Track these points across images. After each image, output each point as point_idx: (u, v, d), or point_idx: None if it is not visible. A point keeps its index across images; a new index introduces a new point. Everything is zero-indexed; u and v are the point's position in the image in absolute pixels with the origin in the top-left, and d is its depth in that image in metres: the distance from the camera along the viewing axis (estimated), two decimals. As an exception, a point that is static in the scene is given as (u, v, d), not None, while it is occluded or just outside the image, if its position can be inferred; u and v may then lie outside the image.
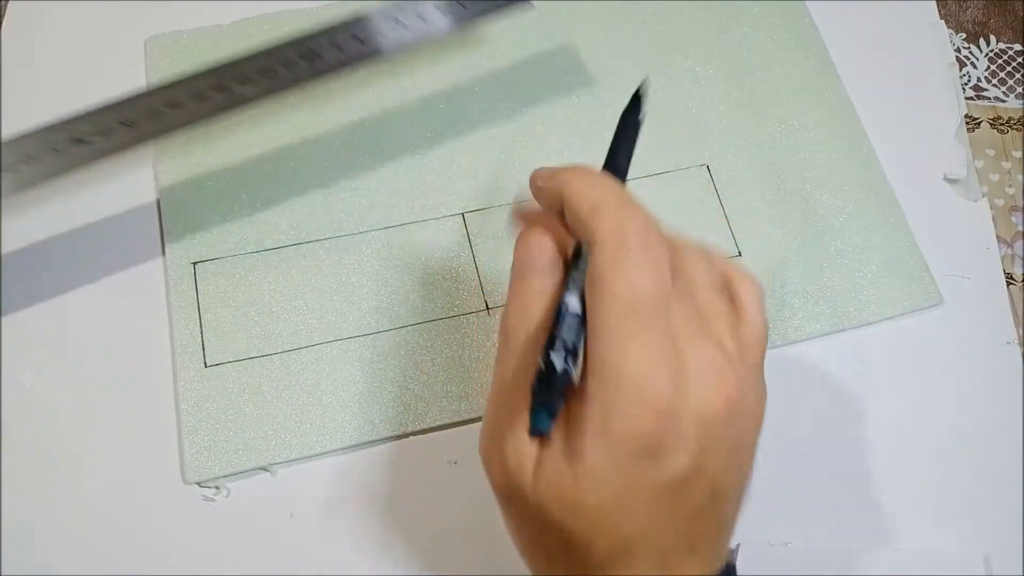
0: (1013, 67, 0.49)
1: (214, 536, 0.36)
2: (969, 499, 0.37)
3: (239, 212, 0.42)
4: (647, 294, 0.24)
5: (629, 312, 0.23)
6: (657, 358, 0.23)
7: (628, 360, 0.23)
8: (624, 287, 0.24)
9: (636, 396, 0.23)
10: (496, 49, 0.47)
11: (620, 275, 0.24)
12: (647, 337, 0.24)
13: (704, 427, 0.24)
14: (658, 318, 0.24)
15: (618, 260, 0.24)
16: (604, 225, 0.25)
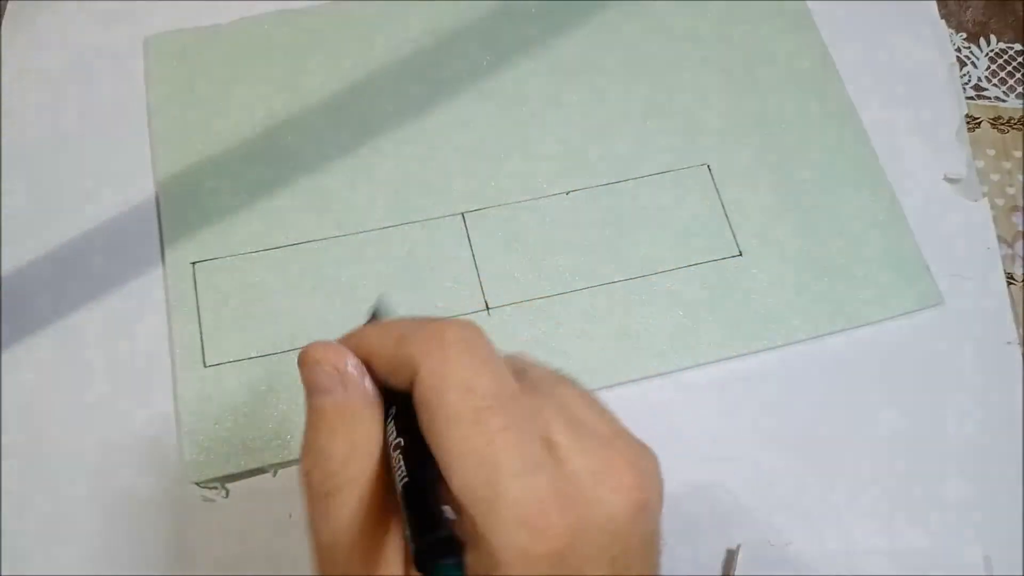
0: (1013, 67, 0.49)
1: (214, 536, 0.36)
2: (969, 499, 0.37)
3: (238, 212, 0.42)
4: (494, 382, 0.21)
5: (474, 419, 0.20)
6: (533, 468, 0.20)
7: (500, 478, 0.19)
8: (469, 384, 0.20)
9: (518, 522, 0.19)
10: (495, 52, 0.47)
11: (452, 380, 0.20)
12: (508, 445, 0.20)
13: (612, 535, 0.21)
14: (518, 418, 0.20)
15: (444, 367, 0.21)
16: (419, 350, 0.21)
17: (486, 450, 0.20)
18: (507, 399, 0.21)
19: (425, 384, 0.21)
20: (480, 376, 0.21)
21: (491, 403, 0.20)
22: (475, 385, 0.21)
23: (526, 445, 0.20)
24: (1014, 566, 0.36)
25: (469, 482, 0.20)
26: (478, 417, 0.20)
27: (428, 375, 0.21)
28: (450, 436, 0.20)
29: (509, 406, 0.21)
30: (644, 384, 0.39)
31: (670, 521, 0.36)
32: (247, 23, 0.47)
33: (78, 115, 0.45)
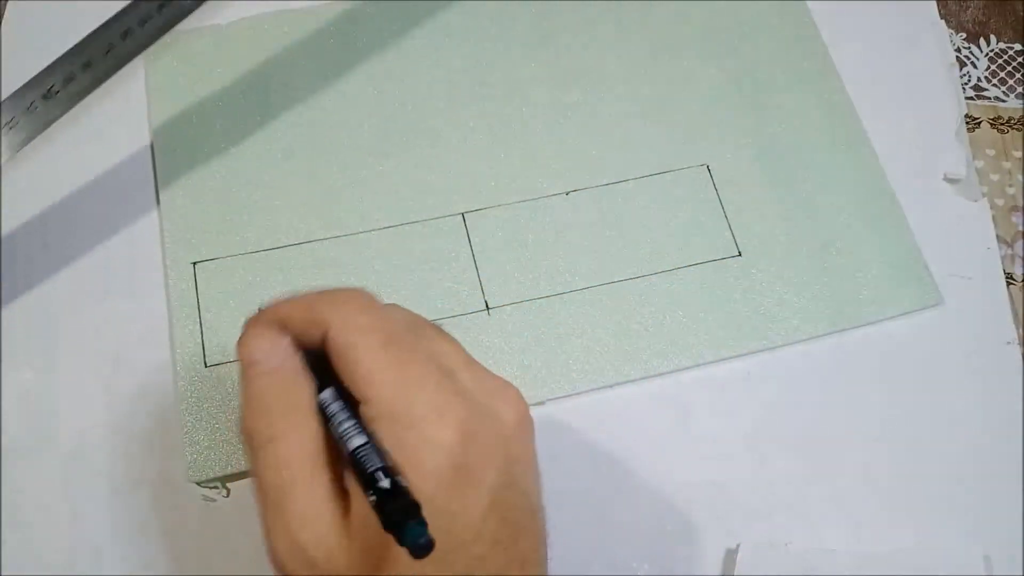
0: (1013, 67, 0.49)
1: (214, 536, 0.36)
2: (969, 499, 0.37)
3: (239, 212, 0.42)
4: (393, 325, 0.25)
5: (381, 347, 0.24)
6: (426, 380, 0.24)
7: (397, 391, 0.24)
8: (368, 325, 0.25)
9: (417, 420, 0.23)
10: (495, 52, 0.47)
11: (360, 334, 0.25)
12: (405, 365, 0.24)
13: (503, 440, 0.24)
14: (409, 351, 0.25)
15: (348, 318, 0.25)
16: (327, 309, 0.25)
17: (396, 373, 0.24)
18: (403, 334, 0.25)
19: (337, 333, 0.25)
20: (379, 320, 0.25)
21: (391, 338, 0.25)
22: (376, 327, 0.25)
23: (427, 367, 0.25)
24: (1014, 566, 0.36)
25: (384, 397, 0.24)
26: (380, 347, 0.24)
27: (338, 326, 0.25)
28: (364, 365, 0.24)
29: (406, 339, 0.25)
30: (644, 384, 0.39)
31: (670, 521, 0.37)
32: (247, 23, 0.47)
33: (78, 115, 0.45)
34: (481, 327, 0.40)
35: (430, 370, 0.25)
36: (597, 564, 0.36)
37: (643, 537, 0.36)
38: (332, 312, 0.25)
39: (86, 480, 0.37)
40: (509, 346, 0.39)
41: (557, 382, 0.39)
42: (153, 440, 0.37)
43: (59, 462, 0.37)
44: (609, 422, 0.39)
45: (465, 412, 0.24)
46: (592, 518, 0.37)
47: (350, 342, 0.25)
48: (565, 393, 0.39)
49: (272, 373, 0.25)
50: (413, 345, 0.25)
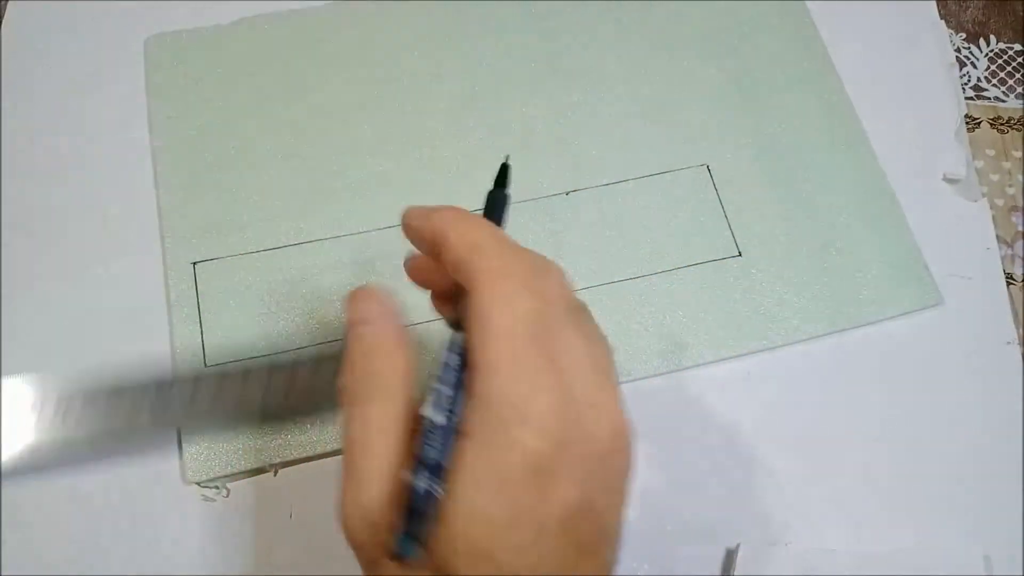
0: (1013, 67, 0.49)
1: (214, 536, 0.36)
2: (969, 499, 0.37)
3: (239, 212, 0.42)
4: (529, 319, 0.23)
5: (511, 337, 0.23)
6: (541, 382, 0.23)
7: (509, 383, 0.23)
8: (506, 315, 0.23)
9: (517, 420, 0.22)
10: (495, 52, 0.47)
11: (503, 306, 0.23)
12: (530, 360, 0.23)
13: (592, 459, 0.23)
14: (542, 342, 0.23)
15: (500, 292, 0.24)
16: (485, 264, 0.24)
17: (514, 362, 0.23)
18: (543, 327, 0.24)
19: (483, 297, 0.24)
20: (527, 306, 0.24)
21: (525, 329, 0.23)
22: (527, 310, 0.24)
23: (552, 356, 0.23)
24: (1014, 566, 0.36)
25: (489, 386, 0.23)
26: (520, 336, 0.23)
27: (487, 290, 0.24)
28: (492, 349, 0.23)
29: (540, 334, 0.23)
30: (644, 384, 0.39)
31: (670, 521, 0.37)
32: (247, 23, 0.47)
33: (78, 115, 0.45)
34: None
35: (556, 363, 0.23)
36: (597, 564, 0.36)
37: (643, 537, 0.36)
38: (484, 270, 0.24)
39: (86, 480, 0.37)
40: (509, 346, 0.39)
41: (557, 382, 0.39)
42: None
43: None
44: (609, 422, 0.38)
45: (559, 417, 0.23)
46: (592, 518, 0.37)
47: (490, 316, 0.23)
48: (565, 393, 0.39)
49: (374, 336, 0.25)
50: (554, 337, 0.24)
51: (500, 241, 0.25)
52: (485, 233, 0.26)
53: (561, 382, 0.23)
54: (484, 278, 0.24)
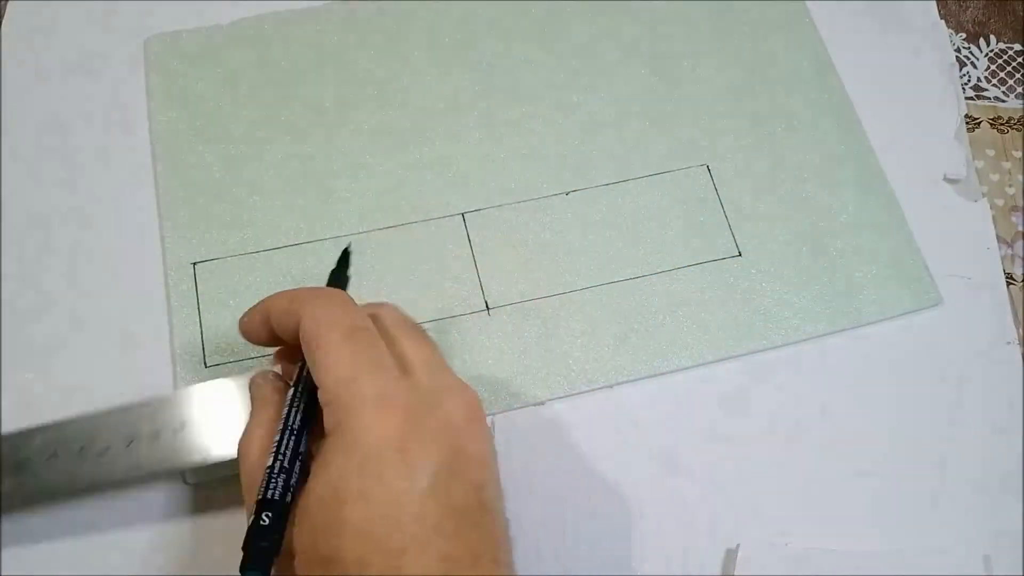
0: (1013, 67, 0.49)
1: (214, 536, 0.36)
2: (969, 499, 0.37)
3: (239, 212, 0.42)
4: (357, 321, 0.28)
5: (343, 339, 0.27)
6: (385, 369, 0.26)
7: (358, 378, 0.26)
8: (334, 320, 0.27)
9: (373, 406, 0.25)
10: (494, 52, 0.47)
11: (323, 316, 0.28)
12: (368, 355, 0.27)
13: (450, 432, 0.26)
14: (374, 340, 0.27)
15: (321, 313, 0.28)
16: (303, 303, 0.29)
17: (348, 362, 0.26)
18: (364, 329, 0.28)
19: (305, 322, 0.28)
20: (342, 314, 0.28)
21: (353, 332, 0.27)
22: (340, 321, 0.28)
23: (381, 359, 0.27)
24: (1014, 566, 0.36)
25: (334, 381, 0.26)
26: (342, 340, 0.27)
27: (308, 317, 0.28)
28: (322, 352, 0.27)
29: (367, 334, 0.28)
30: (644, 384, 0.39)
31: (670, 521, 0.37)
32: (247, 23, 0.47)
33: (78, 116, 0.45)
34: (481, 327, 0.40)
35: (384, 362, 0.27)
36: (597, 564, 0.36)
37: (643, 537, 0.36)
38: (305, 305, 0.28)
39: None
40: (509, 346, 0.39)
41: (557, 382, 0.39)
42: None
43: (59, 462, 0.37)
44: (609, 422, 0.39)
45: (410, 400, 0.26)
46: (592, 517, 0.37)
47: (314, 331, 0.27)
48: (565, 393, 0.39)
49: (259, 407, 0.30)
50: (371, 339, 0.28)
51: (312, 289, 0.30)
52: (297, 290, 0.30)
53: (396, 370, 0.27)
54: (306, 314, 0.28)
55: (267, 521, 0.26)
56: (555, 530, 0.36)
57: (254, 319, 0.31)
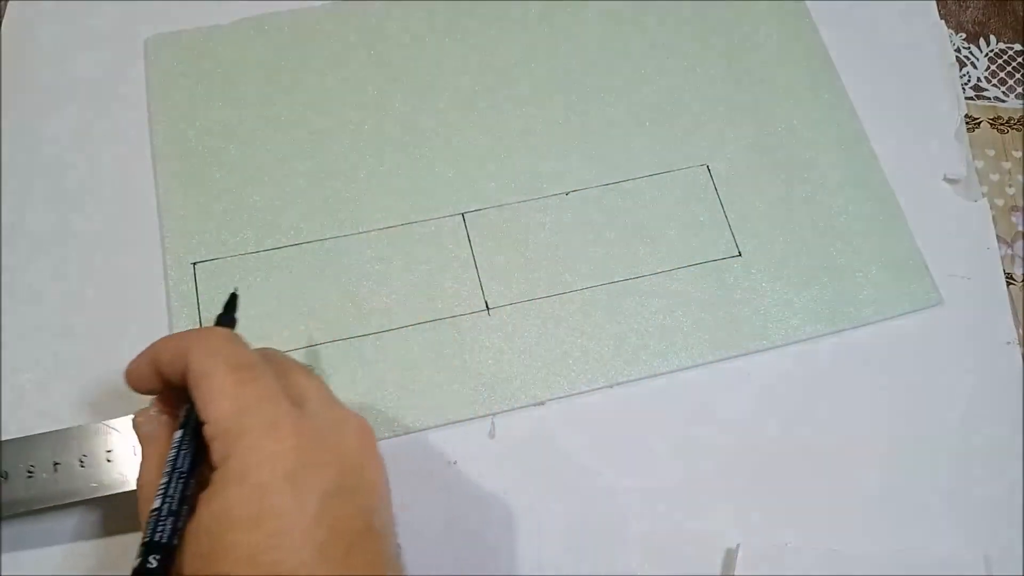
0: (1013, 67, 0.49)
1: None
2: (969, 499, 0.37)
3: (239, 212, 0.42)
4: (244, 357, 0.28)
5: (229, 372, 0.27)
6: (274, 399, 0.26)
7: (246, 409, 0.26)
8: (221, 355, 0.28)
9: (261, 435, 0.26)
10: (494, 52, 0.47)
11: (209, 352, 0.28)
12: (255, 387, 0.27)
13: (343, 460, 0.26)
14: (260, 372, 0.27)
15: (207, 347, 0.28)
16: (190, 340, 0.29)
17: (235, 393, 0.27)
18: (252, 364, 0.28)
19: (193, 360, 0.28)
20: (229, 351, 0.28)
21: (239, 365, 0.27)
22: (226, 354, 0.28)
23: (268, 389, 0.27)
24: (1014, 566, 0.36)
25: (222, 414, 0.26)
26: (228, 372, 0.27)
27: (195, 354, 0.28)
28: (209, 387, 0.27)
29: (254, 367, 0.28)
30: (644, 384, 0.39)
31: (670, 521, 0.37)
32: (247, 23, 0.47)
33: (78, 116, 0.45)
34: (481, 327, 0.40)
35: (271, 392, 0.27)
36: (597, 564, 0.36)
37: (643, 537, 0.36)
38: (190, 342, 0.28)
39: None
40: (509, 346, 0.39)
41: (557, 382, 0.39)
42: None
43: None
44: (609, 422, 0.39)
45: (297, 427, 0.26)
46: (592, 518, 0.37)
47: (201, 368, 0.27)
48: (565, 393, 0.39)
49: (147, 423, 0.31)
50: (259, 372, 0.28)
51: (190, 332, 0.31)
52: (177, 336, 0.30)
53: (285, 400, 0.27)
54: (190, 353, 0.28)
55: (154, 564, 0.26)
56: (555, 530, 0.36)
57: (140, 366, 0.30)
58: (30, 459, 0.33)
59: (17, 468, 0.33)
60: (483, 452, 0.37)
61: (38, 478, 0.33)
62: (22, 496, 0.33)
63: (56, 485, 0.33)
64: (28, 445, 0.34)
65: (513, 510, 0.32)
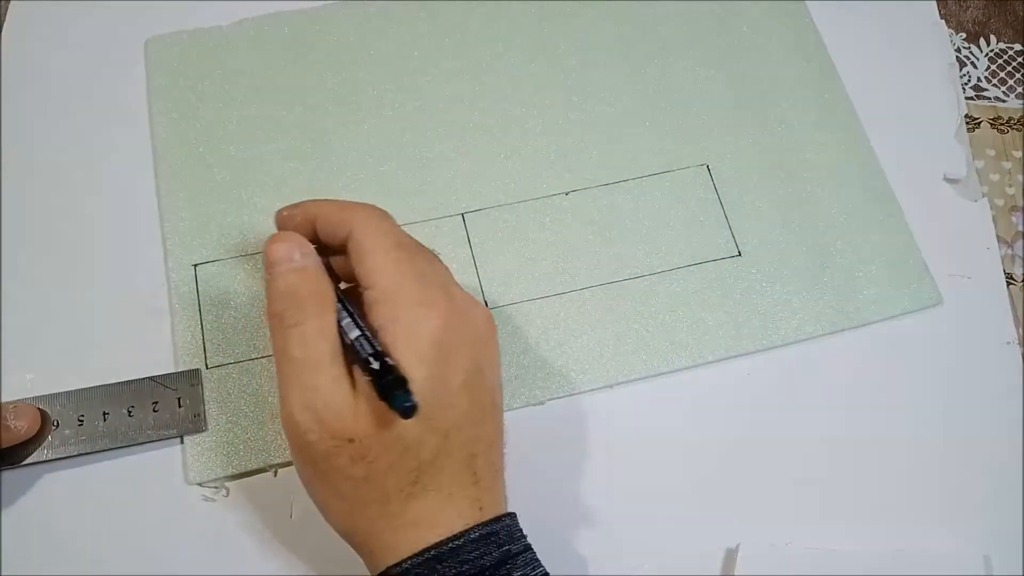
0: (1013, 67, 0.49)
1: (214, 536, 0.36)
2: (969, 499, 0.38)
3: (240, 214, 0.42)
4: (402, 238, 0.31)
5: (392, 249, 0.30)
6: (424, 279, 0.30)
7: (405, 283, 0.29)
8: (384, 232, 0.30)
9: (420, 306, 0.29)
10: (494, 52, 0.47)
11: (375, 229, 0.30)
12: (413, 266, 0.30)
13: (475, 340, 0.30)
14: (416, 254, 0.31)
15: (373, 225, 0.31)
16: (355, 213, 0.31)
17: (397, 268, 0.30)
18: (409, 245, 0.31)
19: (358, 232, 0.30)
20: (388, 227, 0.31)
21: (400, 244, 0.30)
22: (389, 234, 0.31)
23: (423, 271, 0.30)
24: (1014, 566, 0.36)
25: (388, 283, 0.29)
26: (391, 249, 0.30)
27: (360, 227, 0.30)
28: (375, 260, 0.30)
29: (411, 248, 0.31)
30: (644, 384, 0.39)
31: (670, 521, 0.37)
32: (248, 24, 0.47)
33: (79, 117, 0.45)
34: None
35: (425, 272, 0.30)
36: (597, 564, 0.36)
37: (643, 537, 0.37)
38: (356, 216, 0.31)
39: (88, 480, 0.37)
40: (509, 346, 0.40)
41: (557, 382, 0.39)
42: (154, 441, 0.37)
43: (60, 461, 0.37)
44: (609, 422, 0.39)
45: (448, 307, 0.29)
46: (592, 517, 0.37)
47: (367, 241, 0.30)
48: (565, 393, 0.39)
49: (301, 270, 0.30)
50: (415, 253, 0.31)
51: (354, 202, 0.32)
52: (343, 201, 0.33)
53: (435, 281, 0.30)
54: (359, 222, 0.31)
55: (391, 361, 0.28)
56: (554, 529, 0.36)
57: (295, 217, 0.33)
58: (80, 409, 0.37)
59: (68, 417, 0.36)
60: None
61: (88, 426, 0.36)
62: (72, 442, 0.36)
63: (104, 433, 0.36)
64: (79, 397, 0.37)
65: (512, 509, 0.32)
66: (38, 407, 0.36)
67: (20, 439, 0.35)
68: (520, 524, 0.31)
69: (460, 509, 0.29)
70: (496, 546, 0.29)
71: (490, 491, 0.30)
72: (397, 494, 0.29)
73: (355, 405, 0.28)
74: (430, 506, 0.29)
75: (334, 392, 0.28)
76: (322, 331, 0.29)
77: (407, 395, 0.27)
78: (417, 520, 0.29)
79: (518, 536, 0.30)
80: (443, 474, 0.29)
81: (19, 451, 0.36)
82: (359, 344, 0.28)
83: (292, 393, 0.28)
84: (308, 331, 0.29)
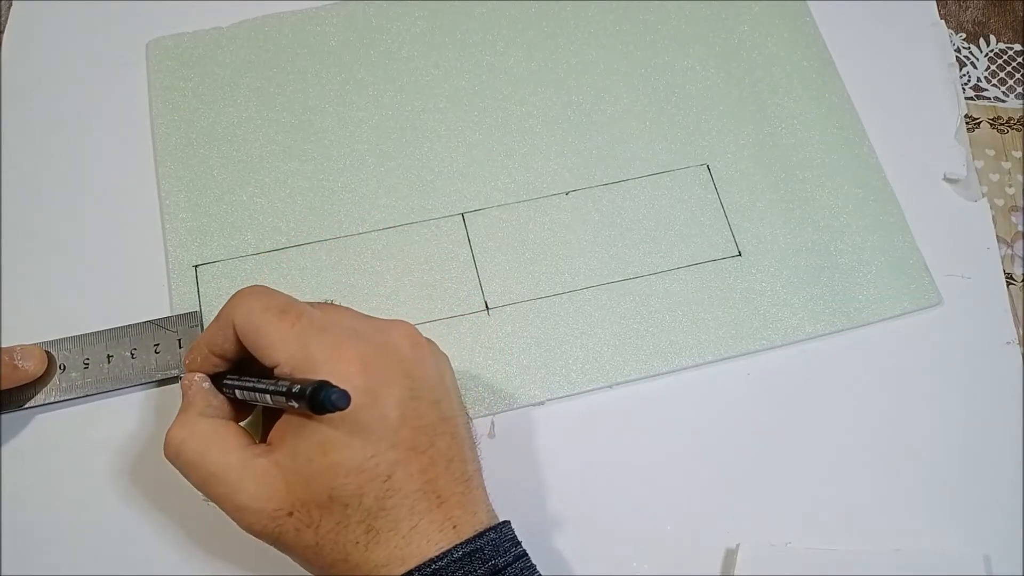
0: (1013, 67, 0.49)
1: (215, 536, 0.36)
2: (969, 499, 0.37)
3: (240, 214, 0.42)
4: (281, 300, 0.30)
5: (278, 318, 0.29)
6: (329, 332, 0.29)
7: (308, 344, 0.29)
8: (264, 305, 0.30)
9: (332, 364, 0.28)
10: (495, 52, 0.47)
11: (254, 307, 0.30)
12: (307, 323, 0.29)
13: (402, 366, 0.29)
14: (303, 310, 0.30)
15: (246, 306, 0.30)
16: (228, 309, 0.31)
17: (293, 333, 0.29)
18: (292, 304, 0.30)
19: (240, 321, 0.30)
20: (271, 299, 0.30)
21: (284, 308, 0.30)
22: (268, 304, 0.30)
23: (318, 323, 0.29)
24: (1014, 566, 0.36)
25: (290, 352, 0.29)
26: (278, 318, 0.29)
27: (240, 316, 0.30)
28: (268, 336, 0.29)
29: (296, 307, 0.30)
30: (644, 384, 0.39)
31: (670, 521, 0.37)
32: (248, 26, 0.47)
33: (80, 118, 0.45)
34: (481, 327, 0.40)
35: (325, 325, 0.29)
36: (597, 564, 0.36)
37: (643, 537, 0.37)
38: (233, 307, 0.31)
39: (88, 480, 0.37)
40: (509, 346, 0.40)
41: (557, 382, 0.39)
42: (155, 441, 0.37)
43: (61, 462, 0.37)
44: (609, 422, 0.39)
45: (361, 350, 0.29)
46: (592, 518, 0.37)
47: (251, 323, 0.30)
48: (565, 393, 0.39)
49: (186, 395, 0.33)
50: (304, 312, 0.30)
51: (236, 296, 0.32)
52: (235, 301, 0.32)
53: (336, 327, 0.30)
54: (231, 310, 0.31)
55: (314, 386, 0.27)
56: (554, 530, 0.36)
57: (195, 359, 0.33)
58: (85, 353, 0.38)
59: (73, 360, 0.38)
60: (483, 452, 0.37)
61: (93, 368, 0.38)
62: (79, 384, 0.37)
63: (109, 375, 0.38)
64: (83, 341, 0.38)
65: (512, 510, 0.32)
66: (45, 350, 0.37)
67: (27, 379, 0.36)
68: (516, 529, 0.30)
69: (429, 536, 0.29)
70: (481, 562, 0.29)
71: (462, 506, 0.30)
72: (354, 548, 0.28)
73: (279, 475, 0.29)
74: (393, 547, 0.28)
75: (249, 480, 0.29)
76: (213, 427, 0.30)
77: (332, 388, 0.26)
78: (387, 561, 0.28)
79: (508, 547, 0.30)
80: (396, 513, 0.28)
81: (26, 392, 0.37)
82: (272, 390, 0.28)
83: (224, 505, 0.30)
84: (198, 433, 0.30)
